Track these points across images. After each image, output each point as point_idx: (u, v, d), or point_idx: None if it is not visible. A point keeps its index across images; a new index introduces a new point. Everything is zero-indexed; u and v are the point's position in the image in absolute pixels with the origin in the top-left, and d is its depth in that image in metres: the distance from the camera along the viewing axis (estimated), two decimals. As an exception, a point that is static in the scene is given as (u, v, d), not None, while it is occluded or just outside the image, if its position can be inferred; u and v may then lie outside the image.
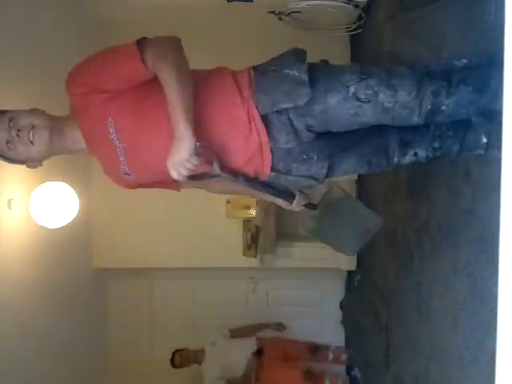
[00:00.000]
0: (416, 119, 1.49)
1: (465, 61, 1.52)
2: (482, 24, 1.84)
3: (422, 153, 1.65)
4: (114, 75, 1.42)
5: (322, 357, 4.16)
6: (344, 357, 4.20)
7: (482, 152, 1.65)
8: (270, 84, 1.45)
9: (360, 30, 3.89)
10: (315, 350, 4.16)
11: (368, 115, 1.47)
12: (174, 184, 1.70)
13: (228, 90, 1.46)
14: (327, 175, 1.63)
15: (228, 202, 4.31)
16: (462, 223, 2.07)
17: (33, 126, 1.46)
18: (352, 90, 1.43)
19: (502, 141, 0.78)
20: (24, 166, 1.60)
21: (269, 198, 1.72)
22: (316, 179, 1.61)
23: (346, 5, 3.64)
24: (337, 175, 1.68)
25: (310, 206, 1.81)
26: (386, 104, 1.44)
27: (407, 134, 1.62)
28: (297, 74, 1.43)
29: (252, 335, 4.21)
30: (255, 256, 4.33)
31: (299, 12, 3.64)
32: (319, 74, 1.46)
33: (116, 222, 4.28)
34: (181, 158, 1.34)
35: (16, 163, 1.57)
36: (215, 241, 4.31)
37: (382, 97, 1.44)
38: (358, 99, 1.44)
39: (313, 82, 1.43)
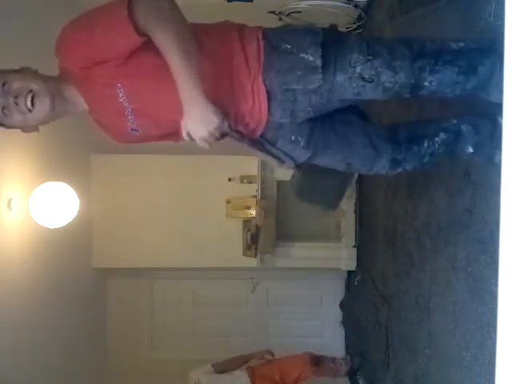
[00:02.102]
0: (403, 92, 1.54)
1: (461, 44, 1.53)
2: (481, 24, 1.84)
3: (410, 167, 1.74)
4: (108, 48, 1.34)
5: (323, 370, 3.94)
6: (345, 369, 4.03)
7: (465, 158, 1.74)
8: (282, 65, 1.46)
9: (360, 30, 3.89)
10: (316, 361, 3.92)
11: (369, 95, 1.51)
12: (179, 135, 1.70)
13: (235, 58, 1.46)
14: (306, 162, 1.72)
15: (228, 201, 4.31)
16: (461, 223, 2.07)
17: (30, 91, 1.39)
18: (358, 69, 1.46)
19: (501, 142, 0.78)
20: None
21: (263, 156, 1.77)
22: (294, 160, 1.70)
23: (346, 5, 3.65)
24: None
25: (299, 166, 1.90)
26: (386, 84, 1.49)
27: (401, 153, 1.69)
28: (311, 58, 1.44)
29: (239, 367, 3.77)
30: (255, 256, 4.32)
31: (299, 12, 3.65)
32: (331, 54, 1.47)
33: (116, 222, 4.28)
34: (208, 130, 1.38)
35: (11, 128, 1.50)
36: (215, 241, 4.31)
37: (383, 77, 1.47)
38: (363, 79, 1.47)
39: (324, 65, 1.45)
